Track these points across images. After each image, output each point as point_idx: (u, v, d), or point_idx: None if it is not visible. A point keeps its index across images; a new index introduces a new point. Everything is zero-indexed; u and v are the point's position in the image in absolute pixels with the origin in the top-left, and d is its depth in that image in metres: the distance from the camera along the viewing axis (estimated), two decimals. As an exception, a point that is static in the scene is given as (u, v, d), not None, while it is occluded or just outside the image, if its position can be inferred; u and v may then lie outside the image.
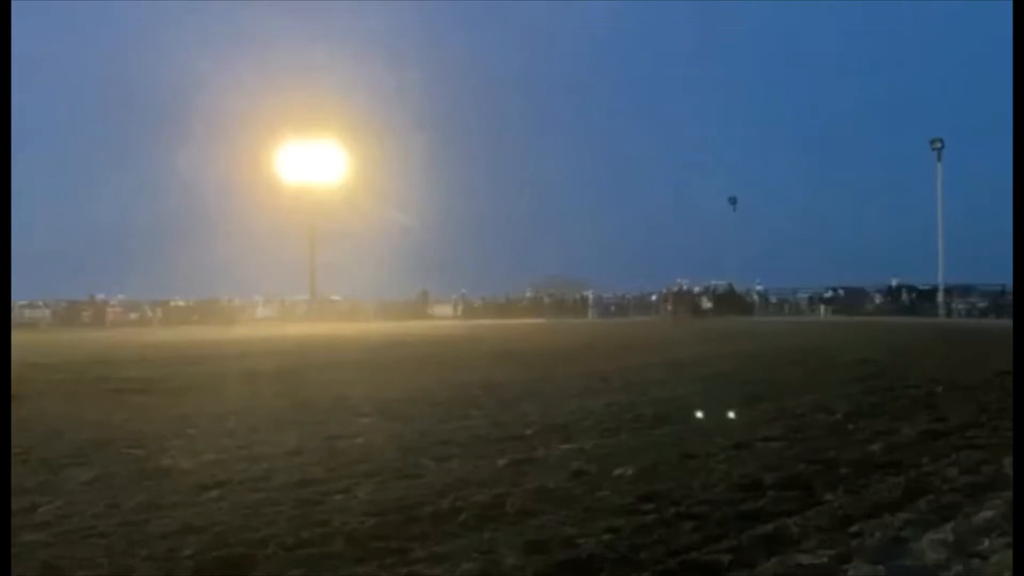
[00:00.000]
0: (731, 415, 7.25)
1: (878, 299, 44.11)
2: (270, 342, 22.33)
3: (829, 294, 44.95)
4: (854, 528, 3.79)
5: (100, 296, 47.71)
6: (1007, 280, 42.81)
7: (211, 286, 49.73)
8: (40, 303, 45.89)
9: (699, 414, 7.31)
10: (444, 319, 45.52)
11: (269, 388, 10.31)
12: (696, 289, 48.96)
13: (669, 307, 47.60)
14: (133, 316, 46.67)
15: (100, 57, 58.29)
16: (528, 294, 52.34)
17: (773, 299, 48.80)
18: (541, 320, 37.21)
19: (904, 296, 43.95)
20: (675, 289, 49.45)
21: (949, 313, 40.55)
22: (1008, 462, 5.09)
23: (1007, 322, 33.09)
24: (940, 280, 43.17)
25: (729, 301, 46.67)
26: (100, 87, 60.17)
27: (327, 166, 54.02)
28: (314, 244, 54.35)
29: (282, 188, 54.51)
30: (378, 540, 3.69)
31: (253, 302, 50.94)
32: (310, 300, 52.17)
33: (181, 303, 49.08)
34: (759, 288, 49.17)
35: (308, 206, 53.92)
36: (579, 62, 66.79)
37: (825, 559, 3.39)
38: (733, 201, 51.11)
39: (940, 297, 42.41)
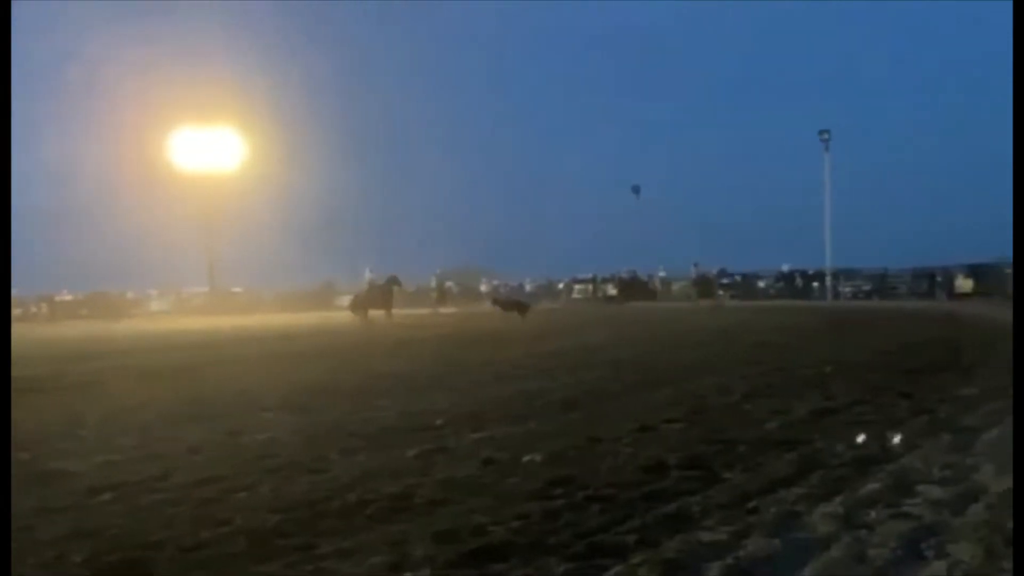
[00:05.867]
0: (637, 398, 7.42)
1: (771, 283, 46.08)
2: (165, 337, 21.49)
3: (726, 280, 46.60)
4: (752, 504, 3.94)
5: (-23, 291, 44.86)
6: (888, 263, 45.58)
7: (102, 279, 47.46)
8: (-92, 300, 42.75)
9: (605, 399, 7.45)
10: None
11: (165, 385, 9.91)
12: (601, 276, 49.91)
13: (575, 295, 48.35)
14: (16, 312, 44.03)
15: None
16: (432, 283, 51.97)
17: (675, 285, 50.30)
18: (451, 309, 37.12)
19: (795, 280, 46.18)
20: (582, 277, 50.26)
21: (836, 296, 42.83)
22: (892, 436, 5.40)
23: (890, 303, 35.13)
24: (827, 264, 45.47)
25: (634, 288, 47.80)
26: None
27: (225, 153, 52.20)
28: (212, 234, 52.53)
29: (177, 176, 52.42)
30: (283, 537, 3.61)
31: (147, 295, 48.90)
32: (209, 292, 50.41)
33: (69, 297, 46.66)
34: (661, 275, 50.56)
35: (205, 194, 52.06)
36: (487, 52, 66.71)
37: (725, 535, 3.51)
38: (636, 190, 52.24)
39: (828, 281, 44.68)
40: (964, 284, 39.72)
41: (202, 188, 52.13)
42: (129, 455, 5.47)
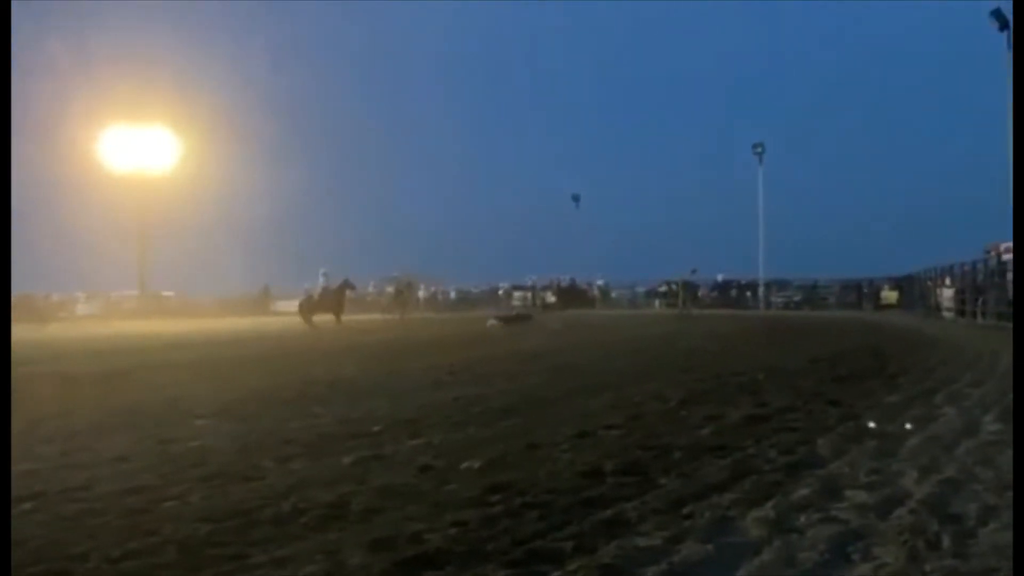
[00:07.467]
0: (575, 405, 7.47)
1: (707, 293, 47.09)
2: (92, 341, 20.78)
3: (663, 288, 47.43)
4: (686, 510, 4.00)
5: None
6: (819, 274, 47.04)
7: (24, 281, 45.55)
8: None
9: (544, 405, 7.48)
10: (287, 315, 43.99)
11: (91, 391, 9.58)
12: (541, 284, 50.26)
13: (515, 302, 48.52)
14: (-70, 314, 41.99)
15: None
16: (371, 289, 51.44)
17: (613, 293, 50.99)
18: (390, 316, 36.85)
19: (730, 290, 47.31)
20: (521, 284, 50.50)
21: (768, 305, 44.07)
22: (821, 443, 5.56)
23: (820, 313, 36.22)
24: (760, 275, 46.68)
25: (572, 295, 48.28)
26: None
27: (159, 153, 50.86)
28: (143, 236, 51.05)
29: (108, 175, 50.83)
30: (214, 547, 3.52)
31: (73, 298, 47.27)
32: (139, 296, 49.00)
33: (-12, 299, 44.67)
34: (600, 283, 51.16)
35: (137, 195, 50.59)
36: (430, 56, 66.48)
37: (660, 541, 3.56)
38: (576, 199, 52.80)
39: (760, 291, 45.89)
40: (888, 296, 41.28)
41: (134, 188, 50.68)
42: (52, 463, 5.27)
